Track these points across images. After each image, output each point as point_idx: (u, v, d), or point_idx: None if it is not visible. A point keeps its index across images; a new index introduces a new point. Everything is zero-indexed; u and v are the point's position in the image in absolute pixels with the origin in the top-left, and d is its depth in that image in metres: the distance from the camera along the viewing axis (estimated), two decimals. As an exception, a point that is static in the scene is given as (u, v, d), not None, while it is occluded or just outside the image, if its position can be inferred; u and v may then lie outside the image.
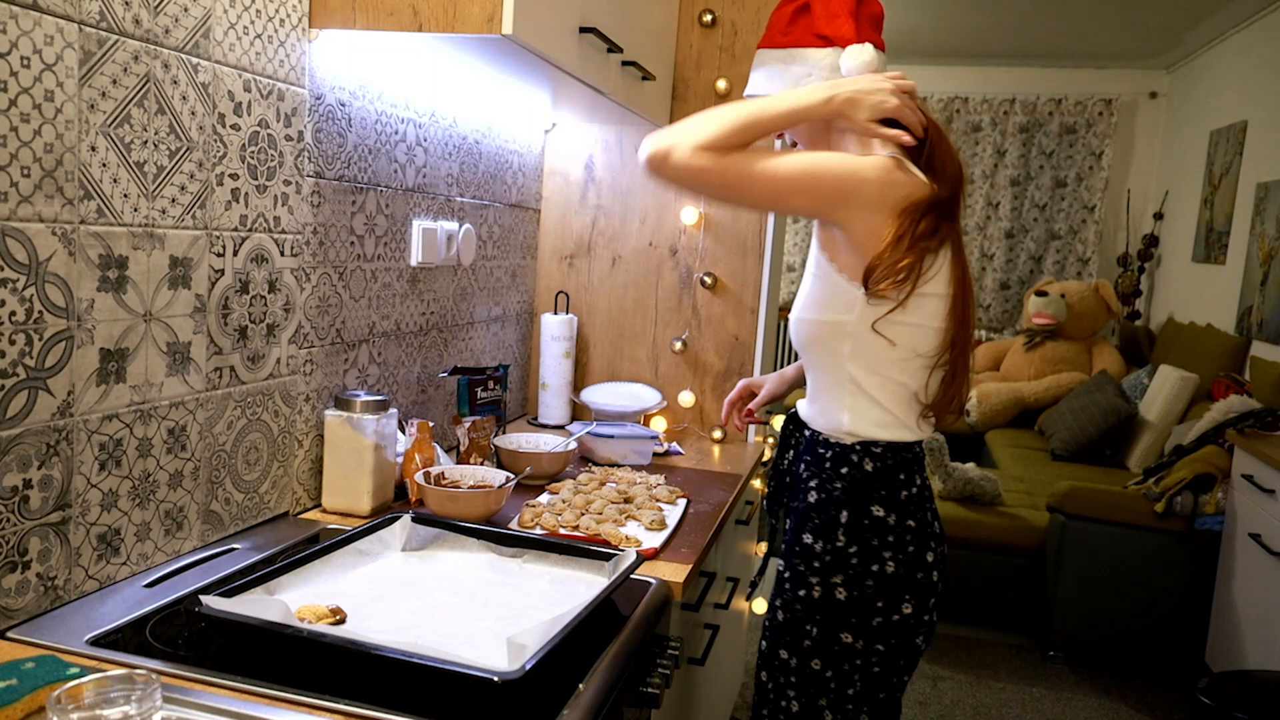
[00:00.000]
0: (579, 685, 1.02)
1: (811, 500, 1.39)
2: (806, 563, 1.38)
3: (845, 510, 1.36)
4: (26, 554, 1.06)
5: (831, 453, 1.38)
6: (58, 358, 1.07)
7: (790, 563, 1.41)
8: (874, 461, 1.36)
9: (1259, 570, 2.82)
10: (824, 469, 1.39)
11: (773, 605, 1.44)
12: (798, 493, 1.43)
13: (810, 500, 1.40)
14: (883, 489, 1.36)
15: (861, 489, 1.36)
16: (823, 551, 1.37)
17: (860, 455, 1.36)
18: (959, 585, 3.51)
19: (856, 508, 1.36)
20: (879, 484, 1.36)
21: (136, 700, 0.78)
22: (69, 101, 1.05)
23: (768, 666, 1.44)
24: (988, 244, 6.06)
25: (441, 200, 1.92)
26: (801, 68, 1.40)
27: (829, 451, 1.39)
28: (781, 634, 1.41)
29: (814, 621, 1.38)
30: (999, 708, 3.02)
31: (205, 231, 1.28)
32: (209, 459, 1.33)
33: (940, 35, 5.34)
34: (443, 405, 2.04)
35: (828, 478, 1.38)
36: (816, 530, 1.38)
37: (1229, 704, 2.07)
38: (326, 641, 0.98)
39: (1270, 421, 3.05)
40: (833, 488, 1.37)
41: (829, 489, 1.38)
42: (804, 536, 1.39)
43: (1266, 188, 4.08)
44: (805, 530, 1.39)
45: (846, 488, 1.36)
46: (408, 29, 1.40)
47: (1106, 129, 5.77)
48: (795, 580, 1.40)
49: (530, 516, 1.57)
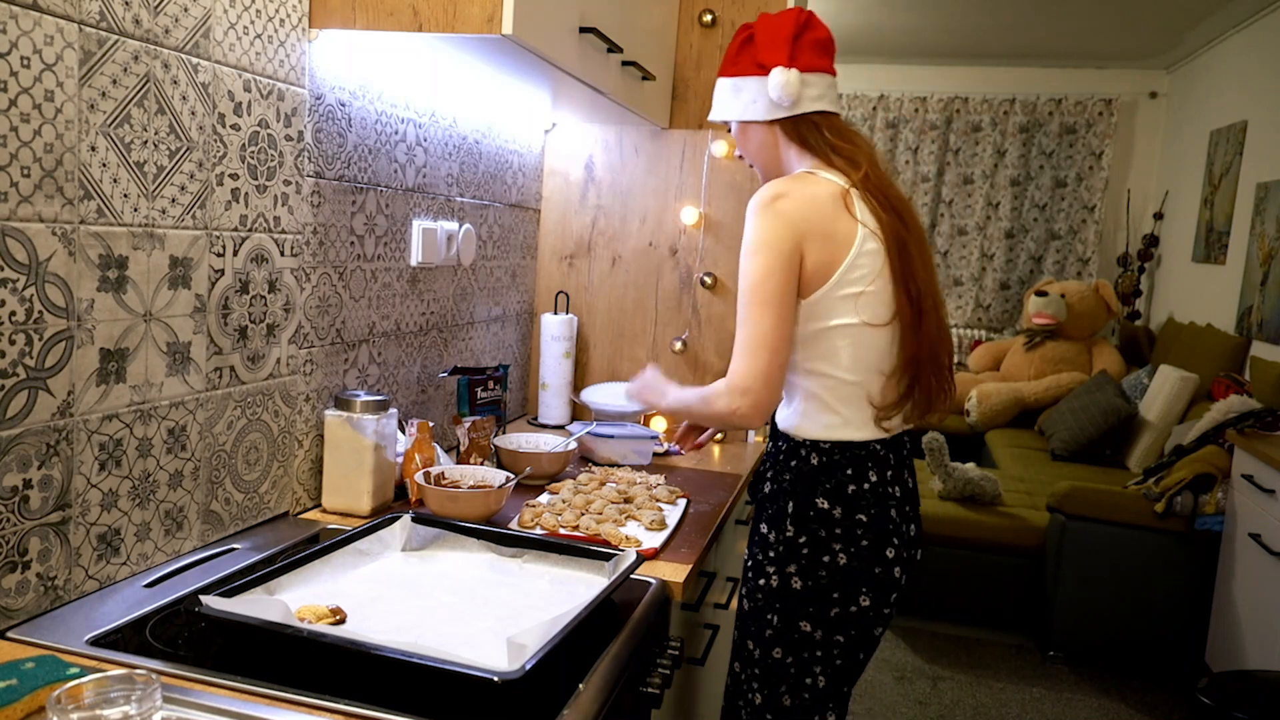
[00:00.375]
0: (579, 685, 1.02)
1: (766, 491, 1.49)
2: (764, 552, 1.47)
3: (791, 501, 1.44)
4: (26, 554, 1.06)
5: (786, 446, 1.48)
6: (58, 358, 1.07)
7: (751, 552, 1.50)
8: (820, 457, 1.44)
9: (1259, 570, 2.82)
10: (778, 462, 1.48)
11: (740, 596, 1.53)
12: (763, 480, 1.53)
13: (765, 491, 1.49)
14: (827, 483, 1.43)
15: (807, 481, 1.44)
16: (776, 541, 1.45)
17: (808, 451, 1.45)
18: (959, 585, 3.52)
19: (801, 499, 1.44)
20: (824, 478, 1.43)
21: (136, 700, 0.78)
22: (69, 101, 1.05)
23: (739, 657, 1.51)
24: (988, 244, 6.06)
25: (441, 200, 1.92)
26: (747, 94, 1.51)
27: (785, 445, 1.48)
28: (747, 624, 1.49)
29: (774, 610, 1.45)
30: (999, 708, 3.02)
31: (205, 231, 1.28)
32: (209, 459, 1.33)
33: (940, 35, 5.34)
34: (443, 405, 2.04)
35: (779, 470, 1.48)
36: (770, 520, 1.47)
37: (1229, 704, 2.07)
38: (326, 641, 0.98)
39: (1270, 421, 3.05)
40: (782, 480, 1.46)
41: (780, 480, 1.47)
42: (760, 526, 1.49)
43: (1266, 188, 4.08)
44: (761, 520, 1.49)
45: (793, 479, 1.45)
46: (408, 29, 1.40)
47: (1106, 129, 5.77)
48: (755, 569, 1.48)
49: (530, 516, 1.57)
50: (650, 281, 2.42)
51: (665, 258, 2.41)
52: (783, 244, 1.39)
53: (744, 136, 1.56)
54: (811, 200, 1.41)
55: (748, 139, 1.55)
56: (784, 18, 1.49)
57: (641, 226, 2.42)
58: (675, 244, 2.40)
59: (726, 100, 1.55)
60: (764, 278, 1.40)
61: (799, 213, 1.40)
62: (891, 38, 5.47)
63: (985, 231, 6.06)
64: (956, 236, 6.12)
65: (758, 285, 1.40)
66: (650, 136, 2.38)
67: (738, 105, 1.52)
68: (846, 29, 5.30)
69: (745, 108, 1.51)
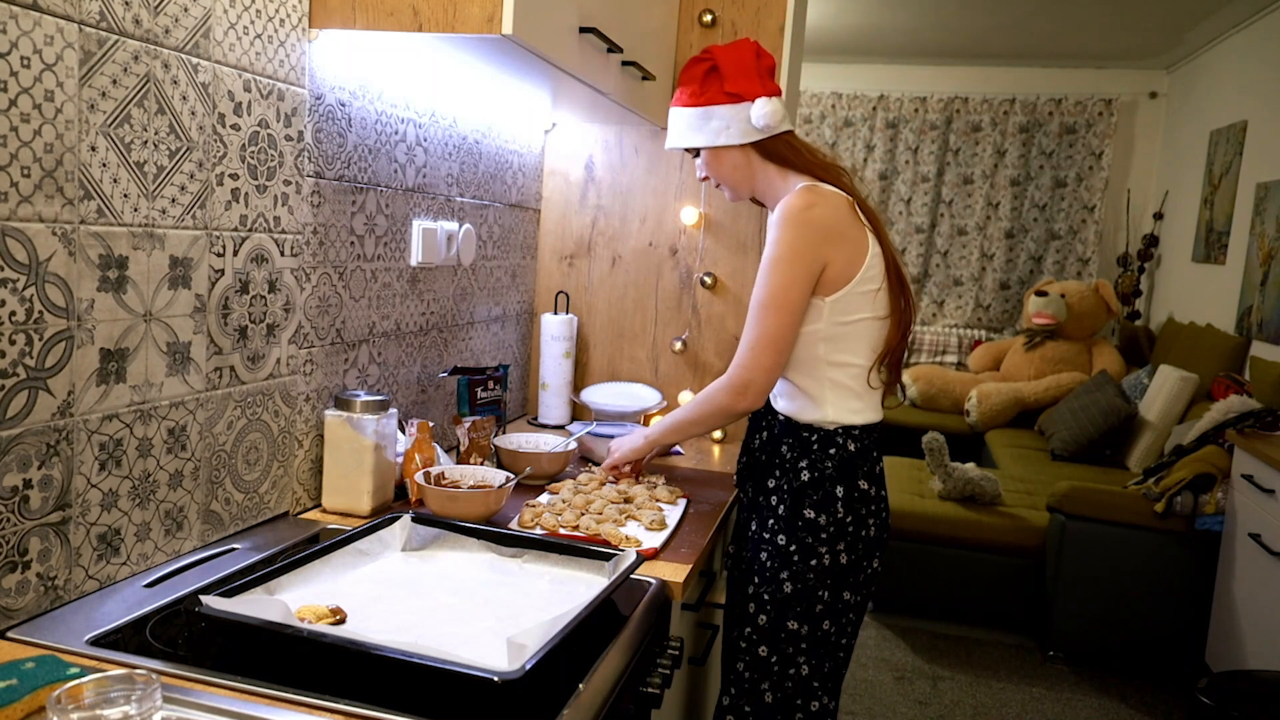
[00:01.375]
0: (579, 685, 1.02)
1: (805, 479, 1.57)
2: (813, 534, 1.55)
3: (840, 485, 1.56)
4: (26, 554, 1.06)
5: (817, 436, 1.57)
6: (58, 358, 1.07)
7: (794, 537, 1.56)
8: (855, 442, 1.57)
9: (1259, 570, 2.82)
10: (811, 451, 1.57)
11: (774, 580, 1.56)
12: (780, 473, 1.60)
13: (804, 479, 1.57)
14: (864, 465, 1.58)
15: (850, 466, 1.56)
16: (827, 524, 1.55)
17: (844, 437, 1.57)
18: (959, 585, 3.52)
19: (849, 482, 1.56)
20: (861, 461, 1.58)
21: (136, 700, 0.78)
22: (69, 101, 1.05)
23: (769, 641, 1.56)
24: (988, 244, 6.06)
25: (441, 200, 1.92)
26: (719, 122, 1.62)
27: (814, 435, 1.58)
28: (792, 605, 1.55)
29: (825, 586, 1.55)
30: (999, 708, 3.02)
31: (205, 231, 1.28)
32: (209, 459, 1.33)
33: (940, 35, 5.34)
34: (443, 405, 2.04)
35: (817, 458, 1.57)
36: (817, 505, 1.56)
37: (1229, 704, 2.07)
38: (326, 641, 0.98)
39: (1270, 421, 3.05)
40: (824, 467, 1.56)
41: (821, 468, 1.56)
42: (805, 512, 1.56)
43: (1266, 188, 4.08)
44: (805, 506, 1.56)
45: (837, 465, 1.56)
46: (408, 29, 1.40)
47: (1106, 129, 5.77)
48: (804, 552, 1.55)
49: (530, 516, 1.57)
50: (650, 281, 2.42)
51: (665, 258, 2.41)
52: (810, 253, 1.51)
53: (716, 161, 1.66)
54: (836, 208, 1.54)
55: (720, 163, 1.65)
56: (742, 48, 1.63)
57: (641, 226, 2.42)
58: (675, 244, 2.40)
59: (694, 128, 1.64)
60: (787, 286, 1.52)
61: (828, 220, 1.53)
62: (891, 38, 5.47)
63: (985, 231, 6.06)
64: (956, 236, 6.12)
65: (779, 292, 1.52)
66: (650, 136, 2.38)
67: (708, 132, 1.63)
68: (846, 29, 5.30)
69: (718, 134, 1.62)
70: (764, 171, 1.64)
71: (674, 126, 1.69)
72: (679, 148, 1.69)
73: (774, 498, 1.60)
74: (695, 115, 1.63)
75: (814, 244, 1.51)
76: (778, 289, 1.52)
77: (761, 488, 1.64)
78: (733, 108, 1.61)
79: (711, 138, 1.63)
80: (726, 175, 1.66)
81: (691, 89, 1.64)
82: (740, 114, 1.60)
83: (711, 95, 1.62)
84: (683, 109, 1.66)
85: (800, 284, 1.51)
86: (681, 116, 1.66)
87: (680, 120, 1.67)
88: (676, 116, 1.68)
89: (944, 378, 5.33)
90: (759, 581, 1.58)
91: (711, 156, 1.66)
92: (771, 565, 1.57)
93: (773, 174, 1.64)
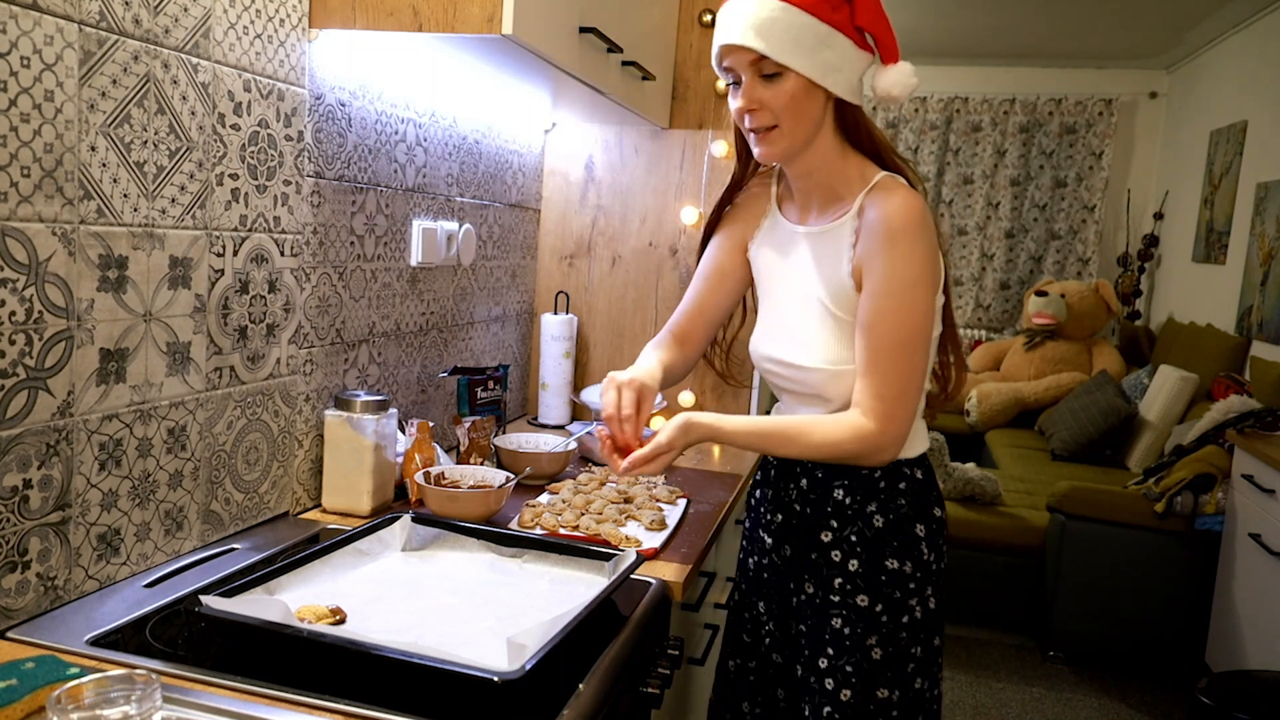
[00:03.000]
0: (579, 685, 1.02)
1: (880, 525, 1.33)
2: (900, 587, 1.33)
3: (919, 523, 1.34)
4: (26, 554, 1.06)
5: (881, 472, 1.34)
6: (58, 358, 1.07)
7: (879, 595, 1.33)
8: (920, 469, 1.37)
9: (1259, 570, 2.82)
10: (879, 489, 1.34)
11: (858, 648, 1.33)
12: (841, 523, 1.35)
13: (878, 525, 1.33)
14: (933, 490, 1.38)
15: (924, 497, 1.36)
16: (913, 571, 1.33)
17: (910, 468, 1.36)
18: (959, 585, 3.51)
19: (926, 516, 1.35)
20: (931, 487, 1.37)
21: (136, 700, 0.78)
22: (69, 101, 1.05)
23: (859, 714, 1.33)
24: (988, 244, 6.06)
25: (441, 200, 1.92)
26: (834, 54, 1.22)
27: (876, 471, 1.34)
28: (883, 672, 1.32)
29: (918, 641, 1.34)
30: (999, 708, 3.02)
31: (205, 231, 1.28)
32: (209, 459, 1.33)
33: (940, 35, 5.34)
34: (443, 405, 2.04)
35: (888, 498, 1.33)
36: (899, 552, 1.33)
37: (1229, 704, 2.07)
38: (326, 641, 0.98)
39: (1270, 421, 3.05)
40: (898, 506, 1.33)
41: (895, 508, 1.33)
42: (887, 563, 1.33)
43: (1266, 188, 4.08)
44: (886, 557, 1.33)
45: (912, 501, 1.34)
46: (408, 29, 1.40)
47: (1106, 129, 5.77)
48: (893, 609, 1.33)
49: (530, 516, 1.57)
50: (650, 281, 2.42)
51: (665, 258, 2.41)
52: (938, 269, 1.27)
53: (799, 100, 1.23)
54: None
55: (802, 107, 1.24)
56: None
57: (641, 226, 2.42)
58: (675, 244, 2.40)
59: (800, 44, 1.19)
60: (926, 314, 1.25)
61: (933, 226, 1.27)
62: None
63: (985, 231, 6.05)
64: (956, 236, 6.12)
65: (921, 325, 1.25)
66: (650, 136, 2.38)
67: (817, 60, 1.21)
68: (846, 29, 5.29)
69: (828, 70, 1.22)
70: (822, 140, 1.29)
71: (765, 23, 1.19)
72: (761, 51, 1.19)
73: (836, 553, 1.35)
74: (810, 29, 1.19)
75: (938, 258, 1.26)
76: (919, 320, 1.23)
77: (811, 545, 1.38)
78: (857, 49, 1.23)
79: (820, 70, 1.21)
80: (794, 125, 1.25)
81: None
82: (860, 63, 1.25)
83: (839, 18, 1.20)
84: (798, 10, 1.19)
85: (934, 308, 1.27)
86: (789, 16, 1.19)
87: (782, 21, 1.19)
88: (778, 12, 1.19)
89: (944, 378, 5.33)
90: (835, 653, 1.34)
91: (800, 91, 1.23)
92: (854, 633, 1.32)
93: (832, 148, 1.30)
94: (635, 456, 1.27)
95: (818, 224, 1.36)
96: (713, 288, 1.49)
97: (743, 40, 1.20)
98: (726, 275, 1.48)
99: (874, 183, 1.29)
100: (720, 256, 1.48)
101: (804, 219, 1.39)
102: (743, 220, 1.48)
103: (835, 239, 1.32)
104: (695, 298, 1.50)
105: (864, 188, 1.30)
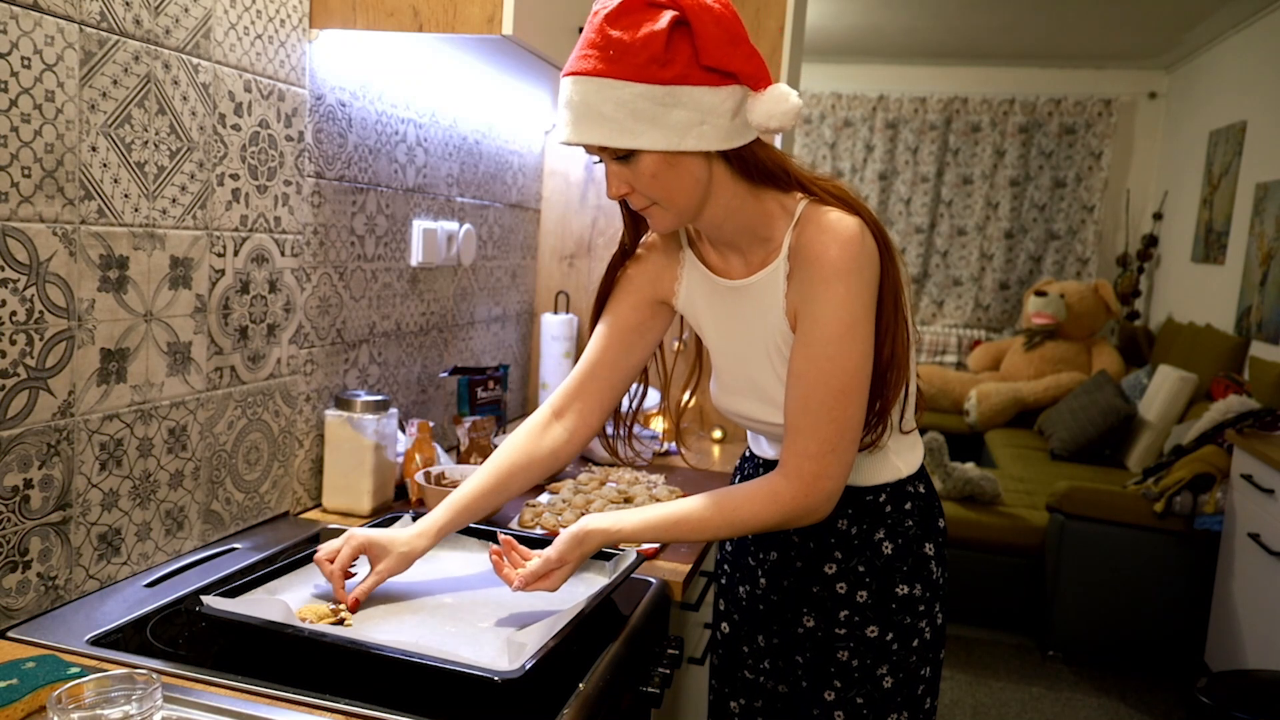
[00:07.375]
0: (579, 685, 1.02)
1: (889, 551, 1.26)
2: (911, 612, 1.28)
3: (927, 541, 1.29)
4: (27, 554, 1.06)
5: (885, 495, 1.27)
6: (58, 358, 1.07)
7: (889, 624, 1.27)
8: (922, 483, 1.31)
9: (1258, 570, 2.82)
10: (885, 514, 1.27)
11: (869, 679, 1.28)
12: (846, 554, 1.28)
13: (887, 552, 1.26)
14: (935, 501, 1.33)
15: (928, 512, 1.30)
16: (923, 593, 1.28)
17: (913, 483, 1.29)
18: (959, 585, 3.51)
19: (931, 531, 1.30)
20: (933, 498, 1.33)
21: (137, 700, 0.78)
22: (70, 102, 1.05)
23: None
24: (987, 244, 6.06)
25: (441, 200, 1.93)
26: (687, 112, 1.04)
27: (881, 495, 1.27)
28: (893, 699, 1.28)
29: (927, 661, 1.30)
30: (999, 707, 3.02)
31: (206, 231, 1.28)
32: (209, 459, 1.33)
33: (940, 35, 5.34)
34: (443, 405, 2.04)
35: (895, 521, 1.27)
36: (909, 576, 1.27)
37: (1229, 704, 2.07)
38: (327, 641, 0.98)
39: (1269, 421, 3.05)
40: (905, 528, 1.27)
41: (902, 530, 1.27)
42: (897, 590, 1.27)
43: (1266, 188, 4.08)
44: (897, 584, 1.27)
45: (918, 519, 1.29)
46: (408, 29, 1.40)
47: (1106, 129, 5.77)
48: (904, 636, 1.28)
49: (530, 516, 1.57)
50: (650, 281, 2.42)
51: (665, 258, 2.40)
52: (874, 304, 1.13)
53: (667, 172, 1.08)
54: None
55: (675, 175, 1.09)
56: (726, 8, 1.07)
57: (641, 226, 2.41)
58: (675, 244, 2.39)
59: (644, 119, 1.03)
60: (865, 356, 1.12)
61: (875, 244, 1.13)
62: (891, 38, 5.47)
63: (985, 232, 6.06)
64: (956, 236, 6.12)
65: (860, 369, 1.12)
66: (650, 137, 2.38)
67: (666, 129, 1.04)
68: (846, 29, 5.30)
69: (683, 133, 1.05)
70: (720, 193, 1.13)
71: (591, 109, 1.04)
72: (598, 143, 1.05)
73: (841, 585, 1.27)
74: (644, 97, 1.02)
75: (874, 291, 1.13)
76: (862, 361, 1.11)
77: (813, 578, 1.30)
78: (715, 90, 1.04)
79: (675, 136, 1.04)
80: (672, 197, 1.10)
81: (650, 53, 1.02)
82: (726, 103, 1.05)
83: (674, 72, 1.02)
84: (621, 83, 1.02)
85: (870, 350, 1.13)
86: (618, 93, 1.02)
87: (610, 100, 1.03)
88: (601, 91, 1.03)
89: (943, 378, 5.33)
90: (843, 685, 1.28)
91: (661, 166, 1.07)
92: (863, 664, 1.27)
93: (737, 197, 1.14)
94: (525, 573, 1.12)
95: (747, 276, 1.21)
96: (628, 347, 1.32)
97: (574, 138, 1.06)
98: (645, 331, 1.34)
99: (798, 215, 1.15)
100: (629, 315, 1.32)
101: (728, 270, 1.24)
102: (649, 275, 1.31)
103: (771, 286, 1.19)
104: (603, 362, 1.32)
105: (789, 222, 1.16)
